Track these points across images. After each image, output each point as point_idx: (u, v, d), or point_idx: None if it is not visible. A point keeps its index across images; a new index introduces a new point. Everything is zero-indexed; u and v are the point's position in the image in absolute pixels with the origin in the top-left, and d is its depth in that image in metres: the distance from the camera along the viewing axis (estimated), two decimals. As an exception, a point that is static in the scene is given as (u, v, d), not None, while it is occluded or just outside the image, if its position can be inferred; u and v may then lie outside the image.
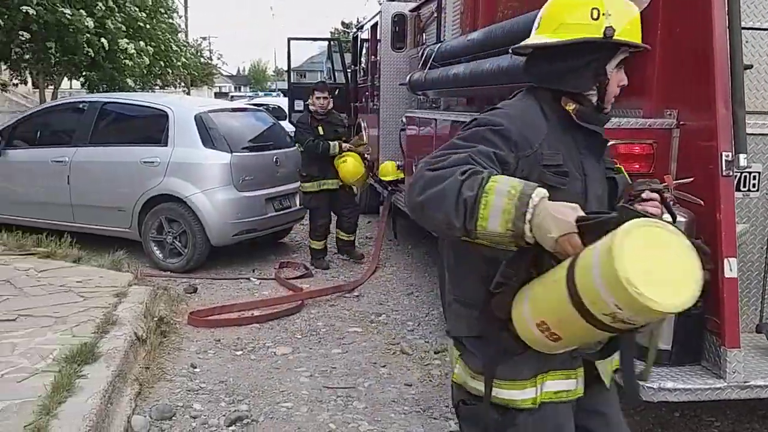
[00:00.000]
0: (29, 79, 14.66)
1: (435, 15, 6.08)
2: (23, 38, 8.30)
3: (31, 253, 6.11)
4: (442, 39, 5.70)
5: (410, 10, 7.46)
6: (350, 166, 6.55)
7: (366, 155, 6.84)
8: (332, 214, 6.90)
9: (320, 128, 6.52)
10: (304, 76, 49.19)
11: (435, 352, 4.59)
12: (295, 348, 4.66)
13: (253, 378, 4.11)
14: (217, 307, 5.36)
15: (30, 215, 7.20)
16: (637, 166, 2.85)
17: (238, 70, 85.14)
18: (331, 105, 6.74)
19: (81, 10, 8.91)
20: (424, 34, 6.88)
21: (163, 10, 15.96)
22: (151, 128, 6.80)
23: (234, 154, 6.55)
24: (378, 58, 8.17)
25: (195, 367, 4.23)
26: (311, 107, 6.62)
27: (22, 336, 4.07)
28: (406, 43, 7.62)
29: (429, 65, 5.37)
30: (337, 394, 3.91)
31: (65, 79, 15.61)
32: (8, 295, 4.88)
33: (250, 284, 6.24)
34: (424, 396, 3.93)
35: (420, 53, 5.94)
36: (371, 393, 3.95)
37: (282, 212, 7.02)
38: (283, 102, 14.78)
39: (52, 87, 17.62)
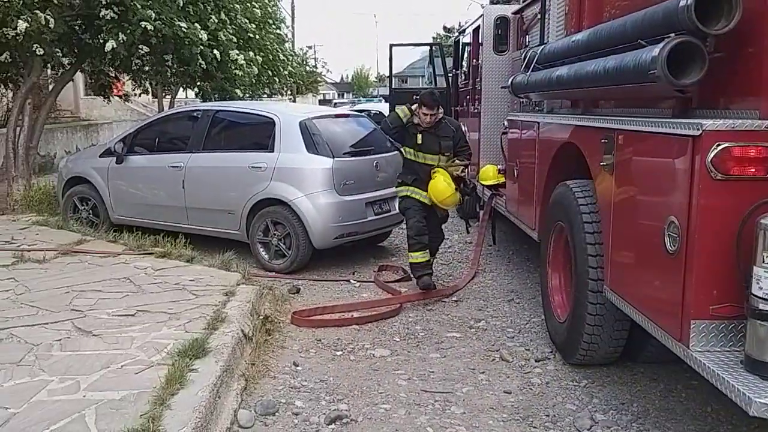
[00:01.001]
0: (149, 89, 15.62)
1: (538, 17, 5.96)
2: (143, 51, 8.82)
3: (149, 252, 6.50)
4: (545, 41, 5.58)
5: (513, 13, 7.36)
6: (437, 183, 5.89)
7: (459, 173, 6.04)
8: None
9: (419, 136, 5.93)
10: (405, 81, 49.66)
11: (536, 360, 4.49)
12: (394, 351, 4.70)
13: (352, 378, 4.19)
14: (319, 308, 5.50)
15: (148, 217, 7.67)
16: (753, 170, 2.67)
17: (342, 78, 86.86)
18: (439, 118, 5.98)
19: (196, 24, 9.41)
20: (527, 37, 6.76)
21: (271, 21, 16.58)
22: (259, 135, 7.07)
23: (336, 159, 6.71)
24: (480, 61, 8.10)
25: (297, 365, 4.36)
26: (415, 119, 5.93)
27: (140, 330, 4.34)
28: (508, 45, 7.53)
29: (532, 67, 5.28)
30: (435, 398, 3.91)
31: (180, 88, 16.51)
32: (128, 292, 5.21)
33: (350, 286, 6.36)
34: (524, 404, 3.86)
35: (522, 56, 5.84)
36: (469, 399, 3.92)
37: (381, 216, 7.11)
38: (384, 107, 14.97)
39: (169, 96, 18.68)
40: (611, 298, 3.70)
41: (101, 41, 8.80)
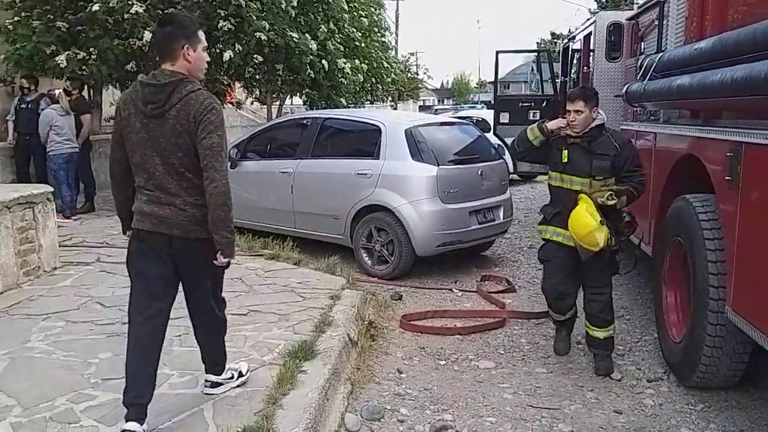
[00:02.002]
0: (258, 97, 16.30)
1: (656, 23, 5.74)
2: (257, 61, 9.21)
3: (259, 254, 6.76)
4: (663, 48, 5.36)
5: (627, 19, 7.11)
6: (576, 215, 4.21)
7: (606, 202, 4.15)
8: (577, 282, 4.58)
9: (565, 152, 4.35)
10: (508, 87, 48.95)
11: (648, 381, 4.31)
12: (498, 363, 4.64)
13: (456, 389, 4.17)
14: (429, 312, 5.56)
15: (259, 220, 7.97)
16: None
17: (442, 83, 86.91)
18: (591, 123, 4.30)
19: (306, 34, 9.73)
20: (642, 43, 6.51)
21: (377, 29, 16.88)
22: (365, 142, 7.19)
23: (440, 166, 6.71)
24: (591, 68, 7.89)
25: (401, 373, 4.39)
26: (563, 130, 4.39)
27: (252, 330, 4.52)
28: (621, 52, 7.28)
29: (649, 76, 5.08)
30: (542, 415, 3.83)
31: (288, 96, 17.10)
32: (240, 292, 5.44)
33: (452, 295, 6.34)
34: (635, 425, 3.72)
35: (638, 63, 5.63)
36: (578, 417, 3.82)
37: (485, 225, 7.05)
38: (487, 114, 14.83)
39: (278, 103, 19.33)
40: (733, 319, 3.50)
41: (218, 51, 9.27)
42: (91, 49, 8.66)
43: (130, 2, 7.86)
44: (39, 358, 3.98)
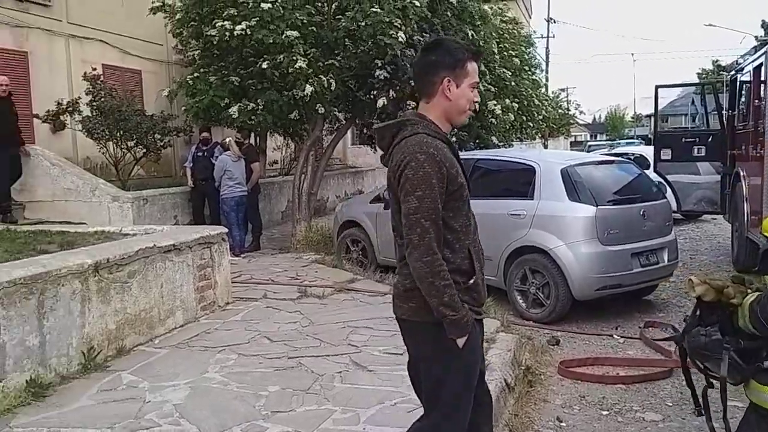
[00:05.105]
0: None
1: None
2: (410, 106, 9.52)
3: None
4: None
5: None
6: None
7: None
8: None
9: None
10: (666, 121, 46.44)
11: None
12: (666, 416, 4.36)
13: (621, 442, 3.97)
14: (589, 358, 5.37)
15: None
16: None
17: (594, 118, 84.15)
18: None
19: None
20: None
21: (527, 68, 16.81)
22: (519, 182, 7.14)
23: (599, 207, 6.50)
24: (763, 101, 7.34)
25: (561, 422, 4.25)
26: None
27: (409, 370, 4.58)
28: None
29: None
30: (720, 477, 3.53)
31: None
32: (395, 331, 5.47)
33: (613, 342, 6.06)
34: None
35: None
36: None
37: (648, 268, 6.69)
38: (646, 150, 14.17)
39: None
40: None
41: (372, 97, 9.69)
42: (259, 101, 9.40)
43: (294, 58, 8.45)
44: (215, 388, 4.30)
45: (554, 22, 41.93)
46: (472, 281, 2.37)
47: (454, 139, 13.74)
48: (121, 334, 5.02)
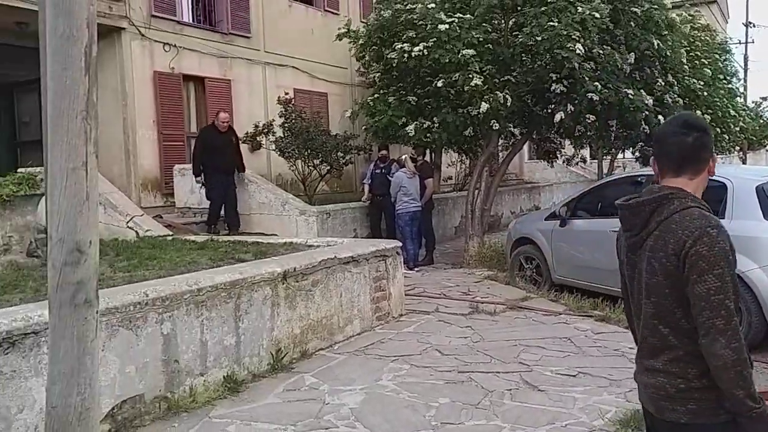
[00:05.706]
0: (588, 152, 16.19)
1: None
2: (589, 120, 9.25)
3: (588, 315, 6.66)
4: None
5: None
6: None
7: None
8: None
9: None
10: None
11: None
12: None
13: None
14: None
15: (588, 279, 7.86)
16: None
17: (806, 128, 75.14)
18: None
19: (641, 90, 9.46)
20: None
21: (722, 77, 15.54)
22: (709, 200, 6.57)
23: (804, 228, 5.87)
24: None
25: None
26: None
27: (581, 392, 4.47)
28: None
29: None
30: None
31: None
32: (569, 352, 5.42)
33: (817, 377, 5.43)
34: None
35: None
36: None
37: None
38: None
39: (609, 158, 18.90)
40: None
41: (548, 112, 9.54)
42: (434, 119, 9.66)
43: (470, 76, 8.59)
44: (388, 396, 4.50)
45: (753, 26, 38.23)
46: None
47: (638, 153, 13.12)
48: (304, 339, 5.43)
